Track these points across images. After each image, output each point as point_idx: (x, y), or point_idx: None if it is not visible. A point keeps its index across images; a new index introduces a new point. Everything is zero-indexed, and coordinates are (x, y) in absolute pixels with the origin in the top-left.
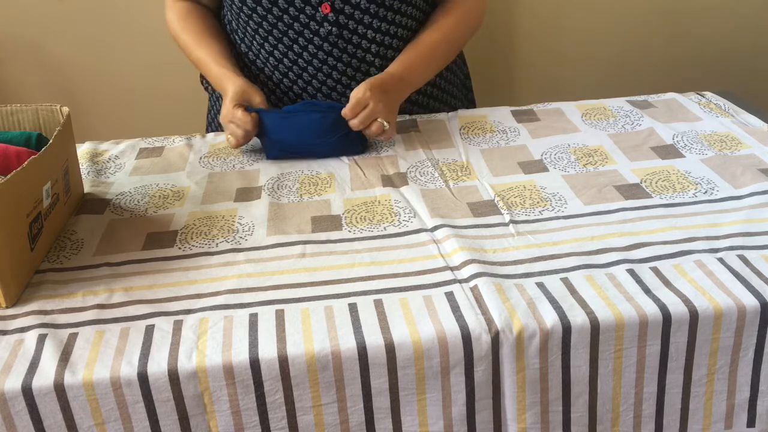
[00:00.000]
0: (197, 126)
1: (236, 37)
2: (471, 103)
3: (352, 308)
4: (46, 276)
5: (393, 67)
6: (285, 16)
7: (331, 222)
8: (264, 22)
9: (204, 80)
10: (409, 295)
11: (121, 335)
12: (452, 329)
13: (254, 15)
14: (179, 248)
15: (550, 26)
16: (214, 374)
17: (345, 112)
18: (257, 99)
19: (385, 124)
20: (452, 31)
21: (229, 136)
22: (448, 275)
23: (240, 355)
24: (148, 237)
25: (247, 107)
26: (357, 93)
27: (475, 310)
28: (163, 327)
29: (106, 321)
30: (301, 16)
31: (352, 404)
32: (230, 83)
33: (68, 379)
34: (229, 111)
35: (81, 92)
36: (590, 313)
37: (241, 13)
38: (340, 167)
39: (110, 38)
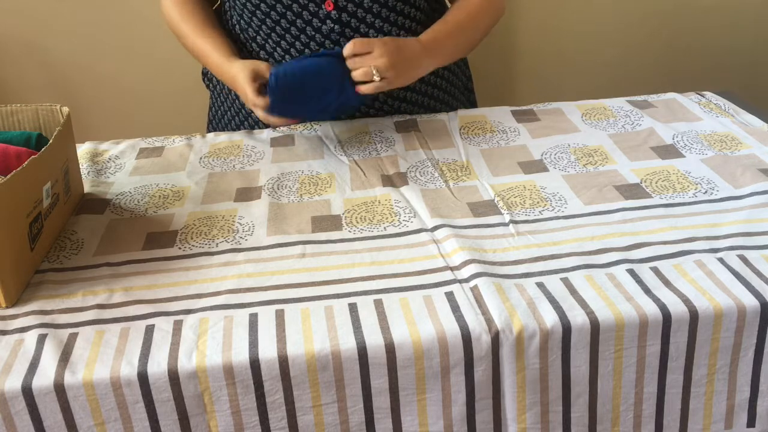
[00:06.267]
0: (197, 126)
1: (238, 30)
2: (472, 106)
3: (352, 308)
4: (46, 276)
5: (421, 36)
6: (288, 13)
7: (331, 222)
8: (267, 19)
9: (206, 77)
10: (409, 295)
11: (121, 335)
12: (452, 329)
13: (258, 12)
14: (179, 248)
15: (551, 26)
16: (214, 374)
17: (346, 48)
18: (263, 68)
19: (375, 73)
20: (478, 13)
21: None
22: (448, 275)
23: (240, 355)
24: (148, 237)
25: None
26: (368, 39)
27: (475, 310)
28: (163, 327)
29: (106, 321)
30: (305, 12)
31: (352, 404)
32: (236, 68)
33: (68, 379)
34: (249, 96)
35: (81, 92)
36: (590, 313)
37: (245, 8)
38: (340, 167)
39: (110, 38)
